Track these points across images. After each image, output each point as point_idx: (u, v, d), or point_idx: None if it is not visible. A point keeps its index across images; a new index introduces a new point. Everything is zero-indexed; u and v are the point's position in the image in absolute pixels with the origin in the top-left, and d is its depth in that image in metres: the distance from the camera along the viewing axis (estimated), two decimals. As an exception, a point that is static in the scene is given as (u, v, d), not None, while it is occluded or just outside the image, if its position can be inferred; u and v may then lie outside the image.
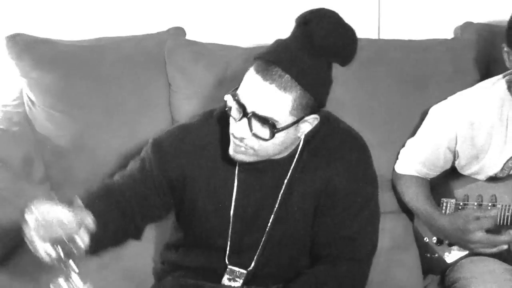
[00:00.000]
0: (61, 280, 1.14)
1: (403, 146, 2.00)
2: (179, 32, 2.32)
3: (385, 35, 2.30)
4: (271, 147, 1.34)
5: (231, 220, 1.49)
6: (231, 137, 1.35)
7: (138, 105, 2.17)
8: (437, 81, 2.06)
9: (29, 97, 2.21)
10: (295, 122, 1.30)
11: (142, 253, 1.86)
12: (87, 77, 2.18)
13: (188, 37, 2.32)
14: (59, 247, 1.08)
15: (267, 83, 1.24)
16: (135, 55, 2.23)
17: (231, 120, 1.34)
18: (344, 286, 1.47)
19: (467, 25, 2.23)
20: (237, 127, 1.31)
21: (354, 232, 1.46)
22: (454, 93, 1.87)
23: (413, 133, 2.00)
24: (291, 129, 1.31)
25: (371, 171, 1.49)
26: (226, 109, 1.33)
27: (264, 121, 1.27)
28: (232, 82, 2.06)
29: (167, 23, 2.32)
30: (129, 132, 2.14)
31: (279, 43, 1.30)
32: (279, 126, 1.28)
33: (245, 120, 1.29)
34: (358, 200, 1.46)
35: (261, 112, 1.26)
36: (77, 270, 1.14)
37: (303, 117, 1.31)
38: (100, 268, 1.81)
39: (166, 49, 2.22)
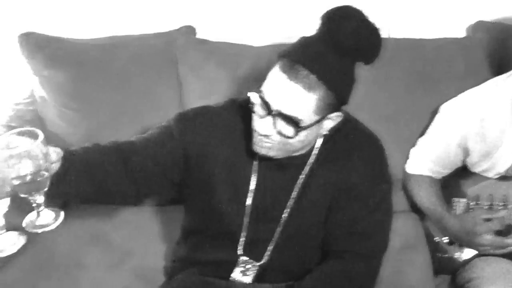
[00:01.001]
0: (31, 215, 1.14)
1: (414, 145, 2.00)
2: (189, 30, 2.32)
3: (396, 34, 2.29)
4: (295, 143, 1.35)
5: (246, 210, 1.49)
6: (255, 133, 1.36)
7: (149, 103, 2.17)
8: (449, 80, 2.05)
9: (41, 95, 2.22)
10: (319, 120, 1.31)
11: (153, 251, 1.87)
12: (99, 75, 2.18)
13: (198, 36, 2.32)
14: (27, 179, 1.07)
15: (293, 82, 1.25)
16: (146, 53, 2.23)
17: (255, 116, 1.35)
18: (354, 282, 1.47)
19: (479, 24, 2.22)
20: (261, 124, 1.32)
21: (367, 229, 1.47)
22: (466, 92, 1.87)
23: (424, 133, 1.99)
24: (315, 127, 1.33)
25: (386, 170, 1.50)
26: (250, 105, 1.34)
27: (289, 119, 1.28)
28: (243, 81, 2.10)
29: (178, 22, 2.32)
30: (140, 131, 2.14)
31: (304, 42, 1.30)
32: (303, 124, 1.29)
33: (269, 117, 1.30)
34: (373, 198, 1.46)
35: (285, 111, 1.27)
36: (42, 201, 1.13)
37: (326, 115, 1.32)
38: (110, 266, 1.83)
39: (176, 48, 2.23)
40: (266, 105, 1.29)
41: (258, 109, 1.32)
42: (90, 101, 2.17)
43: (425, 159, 1.93)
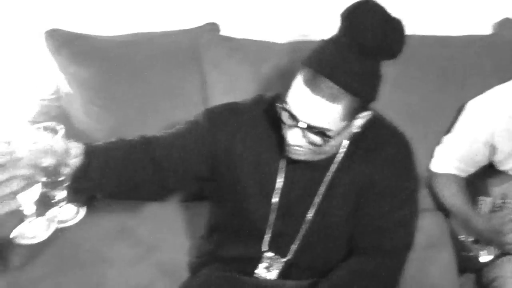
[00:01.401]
0: (52, 210, 1.15)
1: (439, 143, 1.98)
2: (213, 27, 2.33)
3: (421, 31, 2.27)
4: (327, 149, 1.35)
5: (272, 207, 1.49)
6: (286, 142, 1.36)
7: (172, 100, 2.18)
8: (475, 77, 2.03)
9: (66, 91, 2.25)
10: (348, 125, 1.31)
11: (177, 246, 1.88)
12: (123, 72, 2.20)
13: (222, 32, 2.33)
14: (44, 173, 1.08)
15: (317, 96, 1.23)
16: (170, 50, 2.24)
17: (284, 125, 1.35)
18: (379, 280, 1.46)
19: (506, 21, 2.20)
20: (291, 135, 1.32)
21: (393, 226, 1.46)
22: (493, 90, 1.85)
23: (449, 130, 1.98)
24: (345, 130, 1.32)
25: (413, 168, 1.48)
26: (278, 114, 1.34)
27: (317, 130, 1.28)
28: (267, 78, 2.11)
29: (202, 18, 2.33)
30: (164, 127, 2.15)
31: (325, 47, 1.27)
32: (332, 133, 1.29)
33: (298, 129, 1.30)
34: (399, 195, 1.45)
35: (312, 123, 1.27)
36: (63, 196, 1.14)
37: (355, 118, 1.31)
38: (134, 261, 1.84)
39: (200, 45, 2.23)
40: (293, 117, 1.29)
41: (286, 119, 1.32)
42: (115, 98, 2.19)
43: (451, 157, 1.92)
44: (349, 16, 1.25)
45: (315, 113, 1.26)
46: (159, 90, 2.19)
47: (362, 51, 1.23)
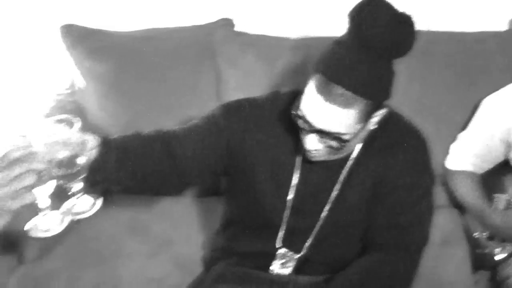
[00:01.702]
0: (69, 201, 1.15)
1: (454, 140, 1.98)
2: (227, 23, 2.33)
3: (436, 27, 2.26)
4: (344, 149, 1.36)
5: (287, 204, 1.49)
6: (304, 147, 1.36)
7: (187, 95, 2.19)
8: (490, 74, 2.03)
9: (81, 86, 2.26)
10: (364, 126, 1.31)
11: (191, 241, 1.88)
12: (138, 67, 2.21)
13: (236, 28, 2.33)
14: (60, 165, 1.07)
15: (330, 104, 1.23)
16: (184, 46, 2.25)
17: (300, 130, 1.35)
18: (393, 276, 1.45)
19: (521, 18, 2.19)
20: (308, 140, 1.33)
21: (408, 222, 1.45)
22: (508, 86, 1.84)
23: (464, 127, 1.97)
24: (361, 131, 1.33)
25: (429, 164, 1.48)
26: (294, 119, 1.34)
27: (333, 135, 1.28)
28: (281, 73, 2.11)
29: (216, 14, 2.33)
30: (177, 123, 2.15)
31: (333, 52, 1.26)
32: (348, 137, 1.29)
33: (314, 134, 1.31)
34: (415, 192, 1.45)
35: (328, 129, 1.27)
36: (80, 188, 1.14)
37: (370, 118, 1.31)
38: (149, 255, 1.85)
39: (214, 40, 2.24)
40: (308, 124, 1.30)
41: (301, 125, 1.32)
42: (130, 93, 2.19)
43: (467, 154, 1.91)
44: (355, 16, 1.23)
45: (329, 120, 1.26)
46: (173, 85, 2.19)
47: (371, 53, 1.22)
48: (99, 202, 1.17)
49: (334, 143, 1.31)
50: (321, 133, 1.29)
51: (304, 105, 1.29)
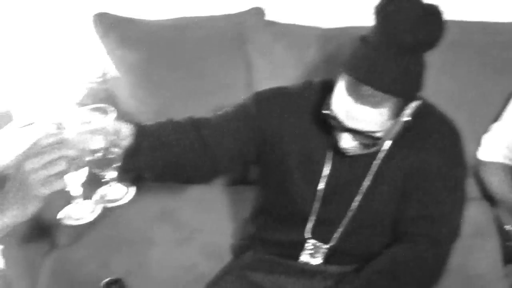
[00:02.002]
0: (102, 189, 1.16)
1: (487, 132, 1.95)
2: (258, 12, 2.32)
3: (468, 17, 2.23)
4: (380, 142, 1.35)
5: (317, 194, 1.49)
6: (338, 144, 1.36)
7: (217, 84, 2.20)
8: (525, 64, 1.99)
9: (113, 74, 2.28)
10: (397, 120, 1.31)
11: (220, 229, 1.90)
12: (169, 56, 2.22)
13: (267, 17, 2.32)
14: (95, 153, 1.08)
15: (361, 105, 1.23)
16: (215, 35, 2.25)
17: (333, 128, 1.35)
18: (423, 267, 1.44)
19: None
20: (342, 139, 1.33)
21: (440, 213, 1.44)
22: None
23: (496, 119, 1.94)
24: (395, 125, 1.32)
25: (462, 156, 1.46)
26: (326, 118, 1.34)
27: (366, 134, 1.28)
28: (312, 63, 2.10)
29: (247, 3, 2.33)
30: (208, 111, 2.16)
31: (361, 51, 1.24)
32: (381, 134, 1.29)
33: (347, 133, 1.31)
34: (448, 183, 1.44)
35: (360, 129, 1.27)
36: (114, 176, 1.14)
37: (402, 112, 1.30)
38: (179, 243, 1.88)
39: (245, 30, 2.24)
40: (340, 123, 1.29)
41: (334, 124, 1.32)
42: (161, 81, 2.21)
43: (499, 145, 1.89)
44: (381, 12, 1.22)
45: (361, 120, 1.25)
46: (204, 74, 2.20)
47: (399, 48, 1.20)
48: (132, 190, 1.18)
49: (367, 141, 1.31)
50: (354, 132, 1.29)
51: (335, 106, 1.29)
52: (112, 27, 2.24)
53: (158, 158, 1.37)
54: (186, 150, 1.41)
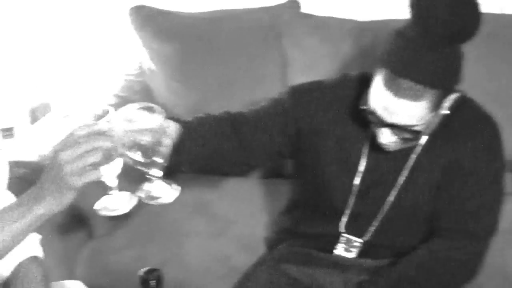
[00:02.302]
0: (146, 185, 1.16)
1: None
2: (294, 5, 2.32)
3: (509, 10, 2.19)
4: (419, 136, 1.34)
5: (353, 188, 1.49)
6: (377, 140, 1.35)
7: (253, 77, 2.20)
8: None
9: (149, 67, 2.30)
10: (436, 114, 1.29)
11: (255, 222, 1.90)
12: (205, 48, 2.23)
13: (302, 10, 2.31)
14: (142, 152, 1.09)
15: (399, 98, 1.22)
16: (251, 27, 2.26)
17: (372, 124, 1.35)
18: (460, 263, 1.43)
19: None
20: (381, 135, 1.32)
21: (477, 208, 1.42)
22: None
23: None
24: (434, 118, 1.31)
25: (501, 150, 1.44)
26: (364, 113, 1.33)
27: (405, 128, 1.28)
28: (347, 56, 2.08)
29: (283, -5, 2.33)
30: (243, 104, 2.17)
31: (398, 44, 1.24)
32: (420, 127, 1.28)
33: (386, 128, 1.30)
34: (486, 178, 1.42)
35: (399, 123, 1.27)
36: (160, 175, 1.14)
37: (441, 104, 1.29)
38: (214, 234, 1.89)
39: (281, 22, 2.23)
40: (379, 119, 1.29)
41: (373, 119, 1.32)
42: (197, 74, 2.22)
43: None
44: (416, 4, 1.21)
45: (401, 115, 1.25)
46: (240, 67, 2.21)
47: (436, 40, 1.20)
48: (177, 190, 1.19)
49: (407, 135, 1.30)
50: (393, 126, 1.28)
51: (373, 101, 1.29)
52: (149, 20, 2.25)
53: (199, 154, 1.40)
54: (222, 143, 1.43)
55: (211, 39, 2.24)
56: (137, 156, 1.09)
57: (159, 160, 1.12)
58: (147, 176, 1.15)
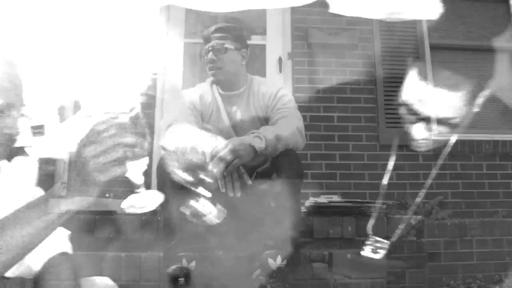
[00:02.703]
0: (192, 202, 1.18)
1: None
2: (322, 5, 2.29)
3: None
4: None
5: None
6: None
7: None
8: None
9: (178, 67, 2.30)
10: None
11: (283, 221, 1.87)
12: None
13: (330, 10, 2.29)
14: (191, 172, 1.11)
15: None
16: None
17: None
18: None
19: None
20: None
21: None
22: None
23: None
24: None
25: None
26: None
27: None
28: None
29: (311, -4, 2.31)
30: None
31: None
32: None
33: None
34: None
35: None
36: (208, 195, 1.16)
37: None
38: (242, 233, 1.89)
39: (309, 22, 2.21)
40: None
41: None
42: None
43: None
44: None
45: None
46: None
47: None
48: (223, 211, 1.19)
49: None
50: None
51: None
52: (178, 19, 2.26)
53: None
54: None
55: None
56: (187, 174, 1.10)
57: (208, 179, 1.13)
58: (194, 195, 1.17)
